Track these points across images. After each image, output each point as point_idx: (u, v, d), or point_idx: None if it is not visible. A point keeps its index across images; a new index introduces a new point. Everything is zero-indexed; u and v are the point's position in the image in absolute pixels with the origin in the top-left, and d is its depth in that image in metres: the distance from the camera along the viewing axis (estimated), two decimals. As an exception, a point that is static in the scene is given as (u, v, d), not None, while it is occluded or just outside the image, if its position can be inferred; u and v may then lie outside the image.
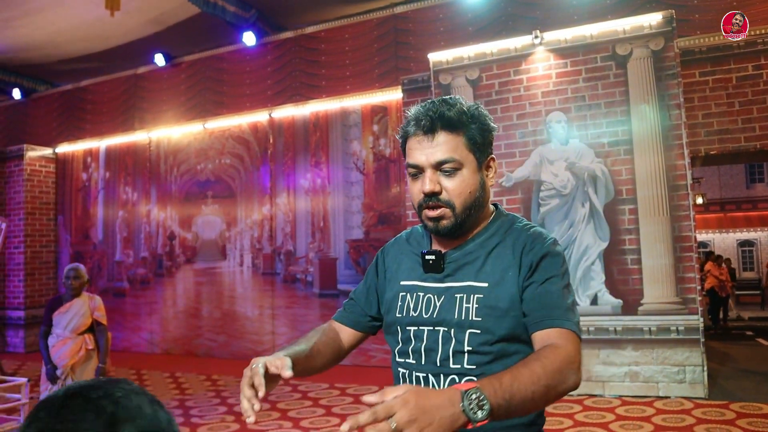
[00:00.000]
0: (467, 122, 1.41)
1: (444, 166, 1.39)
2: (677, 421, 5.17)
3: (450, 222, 1.41)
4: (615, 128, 6.34)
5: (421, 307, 1.46)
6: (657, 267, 6.09)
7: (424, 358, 1.43)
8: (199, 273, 10.00)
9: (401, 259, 1.58)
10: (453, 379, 1.39)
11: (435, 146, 1.39)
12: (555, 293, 1.36)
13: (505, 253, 1.43)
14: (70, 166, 11.45)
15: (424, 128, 1.39)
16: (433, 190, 1.39)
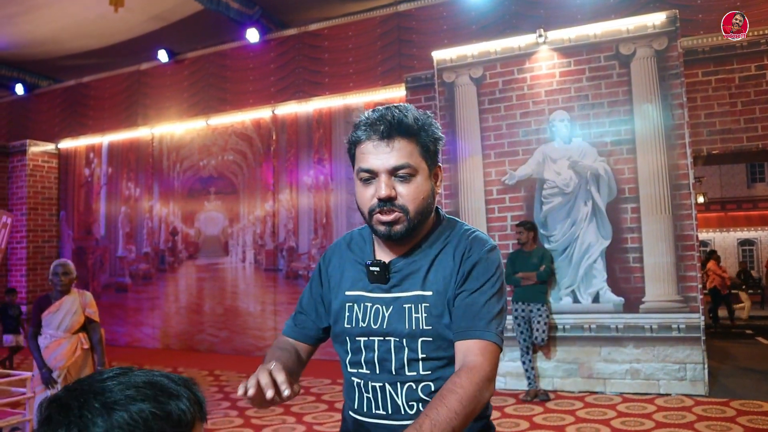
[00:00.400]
0: (420, 130, 1.42)
1: (399, 172, 1.40)
2: (678, 418, 5.21)
3: (403, 227, 1.42)
4: (618, 127, 6.37)
5: (369, 318, 1.46)
6: (659, 265, 6.12)
7: (378, 368, 1.45)
8: (201, 269, 10.03)
9: (344, 267, 1.57)
10: (410, 386, 1.42)
11: (391, 152, 1.39)
12: (481, 304, 1.39)
13: (447, 261, 1.45)
14: (72, 161, 11.48)
15: (381, 133, 1.40)
16: (389, 195, 1.39)
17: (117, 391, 0.82)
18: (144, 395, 0.82)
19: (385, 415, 1.44)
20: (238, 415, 5.80)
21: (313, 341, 1.64)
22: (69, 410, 0.80)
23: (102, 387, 0.83)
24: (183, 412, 0.84)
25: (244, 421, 5.56)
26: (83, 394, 0.82)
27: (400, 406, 1.43)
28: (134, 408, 0.81)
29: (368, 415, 1.47)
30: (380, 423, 1.44)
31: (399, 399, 1.43)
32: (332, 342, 1.58)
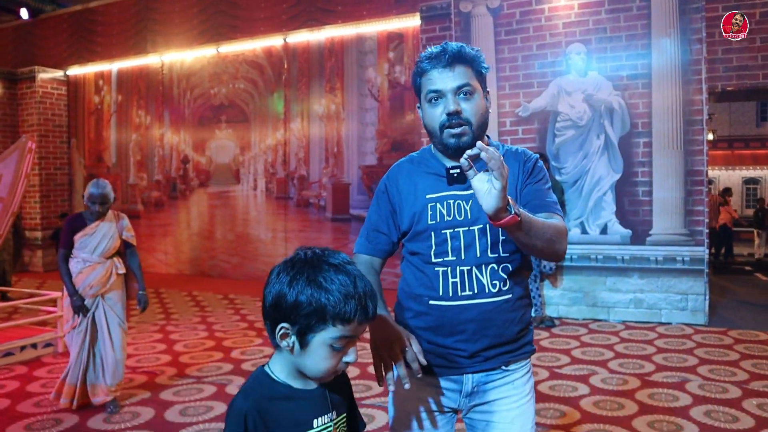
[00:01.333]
0: (474, 59, 1.69)
1: (462, 90, 1.66)
2: (678, 344, 5.45)
3: (469, 137, 1.66)
4: (635, 61, 6.36)
5: (453, 212, 1.70)
6: (667, 199, 6.25)
7: (464, 254, 1.68)
8: (212, 196, 10.18)
9: (416, 180, 1.79)
10: (493, 267, 1.68)
11: (455, 75, 1.66)
12: (545, 190, 1.75)
13: (510, 163, 1.71)
14: (81, 89, 11.44)
15: (444, 61, 1.66)
16: (456, 110, 1.64)
17: (324, 274, 1.20)
18: (331, 288, 1.19)
19: (472, 294, 1.68)
20: (256, 335, 6.06)
21: (385, 254, 1.86)
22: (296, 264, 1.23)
23: (320, 265, 1.22)
24: (351, 311, 1.20)
25: (263, 341, 5.81)
26: (306, 262, 1.23)
27: (485, 285, 1.68)
28: (321, 291, 1.19)
29: (454, 298, 1.69)
30: (466, 303, 1.68)
31: (484, 279, 1.68)
32: (410, 243, 1.78)
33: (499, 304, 1.68)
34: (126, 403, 4.16)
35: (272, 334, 1.26)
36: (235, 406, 1.24)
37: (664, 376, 4.54)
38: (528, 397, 1.75)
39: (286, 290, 1.20)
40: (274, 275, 1.25)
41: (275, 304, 1.22)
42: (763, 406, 3.91)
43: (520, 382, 1.74)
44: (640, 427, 3.60)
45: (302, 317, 1.20)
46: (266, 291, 1.25)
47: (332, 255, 1.26)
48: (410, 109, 8.40)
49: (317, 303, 1.19)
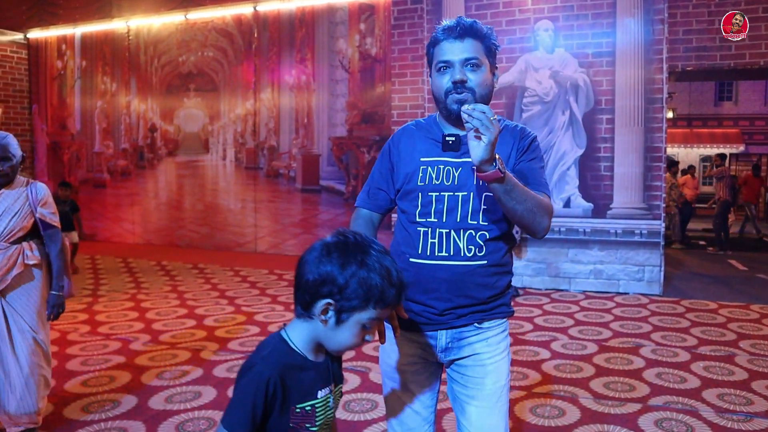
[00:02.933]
0: (485, 35, 1.81)
1: (469, 62, 1.77)
2: (634, 313, 5.74)
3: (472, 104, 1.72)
4: (600, 39, 6.55)
5: (442, 177, 1.81)
6: (628, 175, 6.50)
7: (445, 217, 1.80)
8: (181, 166, 10.13)
9: (415, 143, 1.91)
10: (470, 233, 1.79)
11: (464, 47, 1.77)
12: (538, 170, 1.85)
13: (506, 140, 1.84)
14: (43, 53, 11.17)
15: (456, 33, 1.77)
16: (462, 79, 1.77)
17: (374, 260, 1.31)
18: (381, 274, 1.31)
19: (447, 256, 1.79)
20: (228, 303, 6.16)
21: (384, 210, 2.00)
22: (346, 247, 1.32)
23: (369, 250, 1.32)
24: (391, 297, 1.33)
25: (235, 309, 5.91)
26: (357, 246, 1.32)
27: (461, 248, 1.79)
28: (373, 275, 1.30)
29: (431, 257, 1.81)
30: (442, 263, 1.79)
31: (461, 243, 1.79)
32: (400, 202, 1.92)
33: (473, 268, 1.78)
34: (101, 367, 4.25)
35: (305, 307, 1.33)
36: (256, 371, 1.29)
37: (620, 342, 4.81)
38: (502, 355, 1.86)
39: (338, 271, 1.28)
40: (321, 254, 1.31)
41: (322, 281, 1.29)
42: (709, 368, 4.20)
43: (494, 339, 1.85)
44: (596, 388, 3.84)
45: (349, 298, 1.29)
46: (307, 267, 1.31)
47: (375, 241, 1.37)
48: (381, 81, 8.47)
49: (367, 287, 1.29)
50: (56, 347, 4.65)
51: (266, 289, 6.80)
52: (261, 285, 6.98)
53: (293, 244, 9.12)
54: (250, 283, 7.09)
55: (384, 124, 8.37)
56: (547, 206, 1.74)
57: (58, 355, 4.46)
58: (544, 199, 1.74)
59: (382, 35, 8.45)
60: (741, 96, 20.53)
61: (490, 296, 1.82)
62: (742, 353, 4.53)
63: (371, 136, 8.56)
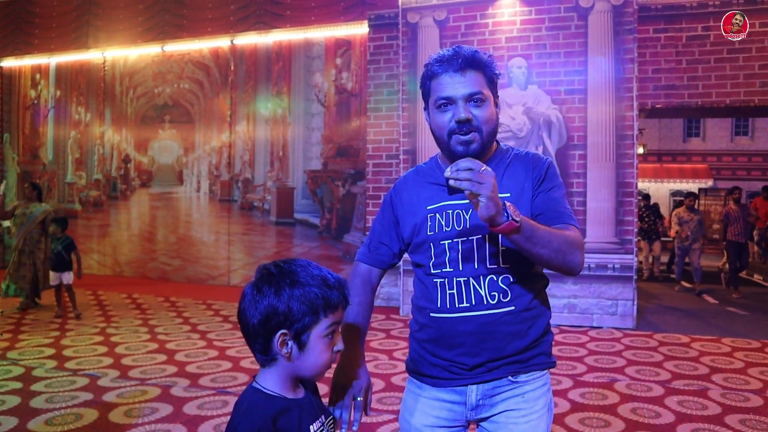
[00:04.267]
0: (486, 65, 1.64)
1: (474, 98, 1.61)
2: (608, 347, 5.77)
3: (478, 144, 1.62)
4: (572, 77, 6.69)
5: (452, 222, 1.65)
6: (600, 210, 6.59)
7: (461, 265, 1.64)
8: (154, 197, 10.03)
9: (419, 191, 1.76)
10: (492, 278, 1.62)
11: (466, 81, 1.60)
12: (560, 200, 1.66)
13: (518, 171, 1.68)
14: (16, 81, 11.08)
15: (456, 66, 1.60)
16: (467, 118, 1.59)
17: (302, 275, 1.31)
18: (315, 283, 1.31)
19: (469, 307, 1.63)
20: (200, 337, 6.05)
21: (385, 266, 1.86)
22: (272, 277, 1.31)
23: (294, 269, 1.32)
24: (336, 298, 1.34)
25: (207, 343, 5.81)
26: (281, 271, 1.32)
27: (483, 296, 1.62)
28: (308, 288, 1.30)
29: (452, 310, 1.64)
30: (464, 315, 1.63)
31: (482, 290, 1.63)
32: (412, 255, 1.78)
33: (499, 316, 1.61)
34: (68, 405, 4.12)
35: (264, 351, 1.32)
36: (242, 430, 1.27)
37: (595, 377, 4.82)
38: (540, 413, 1.66)
39: (275, 301, 1.28)
40: (253, 295, 1.31)
41: (266, 319, 1.28)
42: (683, 402, 4.21)
43: (532, 395, 1.66)
44: (572, 424, 3.82)
45: (297, 320, 1.29)
46: (248, 313, 1.31)
47: (296, 260, 1.36)
48: (356, 115, 8.53)
49: (308, 301, 1.29)
50: (20, 383, 4.51)
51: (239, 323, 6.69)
52: (233, 319, 6.87)
53: (267, 276, 9.00)
54: (222, 317, 6.99)
55: (359, 157, 8.41)
56: (575, 240, 1.55)
57: (21, 392, 4.32)
58: (570, 233, 1.56)
59: (358, 70, 8.54)
60: (708, 132, 21.09)
61: (525, 346, 1.64)
62: (714, 387, 4.56)
63: (346, 169, 8.59)
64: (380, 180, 7.75)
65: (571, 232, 1.57)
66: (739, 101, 6.75)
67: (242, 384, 4.55)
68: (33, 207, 7.39)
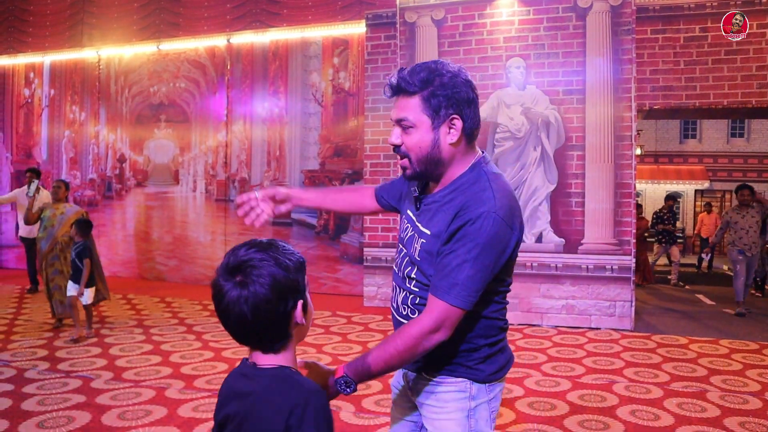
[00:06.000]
0: (423, 87, 1.57)
1: (401, 123, 1.62)
2: (606, 348, 5.74)
3: (411, 171, 1.66)
4: (570, 77, 6.67)
5: (404, 232, 1.79)
6: (598, 210, 6.56)
7: (397, 271, 1.81)
8: (150, 197, 9.97)
9: (410, 190, 1.86)
10: (405, 294, 1.74)
11: (396, 107, 1.63)
12: (452, 267, 1.55)
13: (450, 210, 1.61)
14: (10, 80, 11.00)
15: (388, 92, 1.65)
16: (394, 143, 1.64)
17: (277, 243, 1.30)
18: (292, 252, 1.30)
19: (394, 308, 1.81)
20: (195, 338, 5.99)
21: (377, 202, 2.06)
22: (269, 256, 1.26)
23: (263, 243, 1.30)
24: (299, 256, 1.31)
25: (203, 344, 5.76)
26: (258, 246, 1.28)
27: (399, 305, 1.78)
28: (296, 253, 1.30)
29: (390, 304, 1.86)
30: (393, 313, 1.83)
31: (399, 300, 1.78)
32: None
33: None
34: (60, 407, 4.06)
35: (283, 334, 1.28)
36: (320, 402, 1.25)
37: (594, 378, 4.79)
38: (451, 414, 1.70)
39: (279, 271, 1.23)
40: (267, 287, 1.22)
41: (281, 293, 1.23)
42: (682, 405, 4.18)
43: (445, 397, 1.71)
44: (571, 426, 3.79)
45: (299, 280, 1.28)
46: (265, 307, 1.22)
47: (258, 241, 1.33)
48: (354, 115, 8.49)
49: (295, 256, 1.29)
50: (11, 386, 4.45)
51: (235, 323, 6.63)
52: (230, 319, 6.81)
53: (263, 277, 8.96)
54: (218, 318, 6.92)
55: (356, 157, 8.37)
56: (419, 334, 1.54)
57: (12, 394, 4.26)
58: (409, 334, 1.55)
59: (355, 69, 8.49)
60: (705, 134, 21.11)
61: (435, 357, 1.67)
62: (713, 389, 4.53)
63: (343, 169, 8.54)
64: (378, 180, 7.71)
65: (412, 329, 1.56)
66: (736, 102, 6.74)
67: (238, 386, 4.50)
68: (63, 208, 6.54)
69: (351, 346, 5.72)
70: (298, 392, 1.24)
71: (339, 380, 1.53)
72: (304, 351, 5.50)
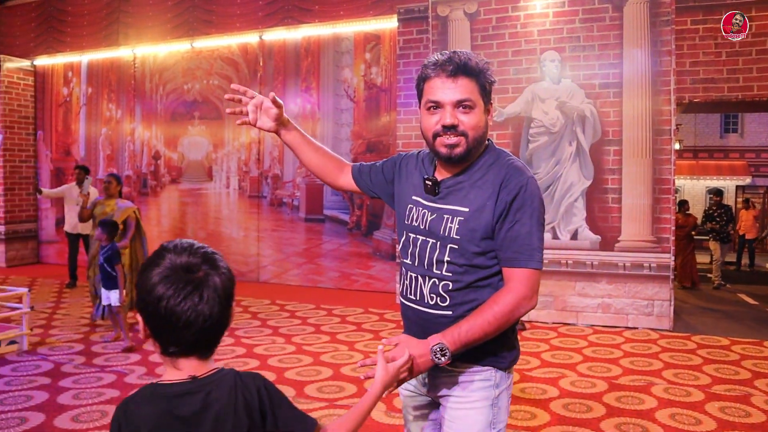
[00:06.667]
0: (480, 72, 1.69)
1: (463, 104, 1.67)
2: (644, 349, 5.58)
3: (462, 149, 1.69)
4: (607, 70, 6.50)
5: (419, 220, 1.78)
6: (636, 207, 6.39)
7: (417, 261, 1.78)
8: (184, 193, 10.07)
9: (414, 174, 1.87)
10: (434, 282, 1.73)
11: (457, 88, 1.66)
12: (524, 235, 1.65)
13: (486, 185, 1.70)
14: (49, 80, 11.22)
15: (448, 72, 1.66)
16: (453, 123, 1.67)
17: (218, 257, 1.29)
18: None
19: (415, 300, 1.79)
20: (228, 335, 5.98)
21: (353, 180, 2.04)
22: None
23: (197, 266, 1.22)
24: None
25: (235, 341, 5.78)
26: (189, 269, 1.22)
27: (425, 295, 1.75)
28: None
29: (406, 298, 1.84)
30: (412, 306, 1.80)
31: (425, 289, 1.75)
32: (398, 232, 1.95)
33: (436, 317, 1.72)
34: (95, 401, 4.10)
35: (221, 335, 1.28)
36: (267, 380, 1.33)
37: (631, 380, 4.66)
38: (476, 404, 1.73)
39: (226, 279, 1.26)
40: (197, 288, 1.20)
41: (229, 298, 1.26)
42: (724, 409, 4.03)
43: (471, 386, 1.73)
44: (607, 430, 3.68)
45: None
46: (212, 314, 1.21)
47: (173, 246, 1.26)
48: (386, 111, 8.44)
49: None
50: (48, 379, 4.52)
51: (267, 320, 6.66)
52: (262, 316, 6.84)
53: (296, 273, 9.00)
54: (251, 314, 6.96)
55: (389, 153, 8.31)
56: (514, 302, 1.62)
57: (49, 388, 4.33)
58: (504, 301, 1.62)
59: (387, 65, 8.44)
60: (747, 128, 20.48)
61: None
62: (758, 393, 4.37)
63: (376, 165, 8.48)
64: (409, 176, 7.63)
65: (511, 292, 1.63)
66: (782, 95, 6.49)
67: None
68: (114, 204, 6.25)
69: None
70: (250, 378, 1.29)
71: (435, 348, 1.57)
72: (336, 348, 5.49)
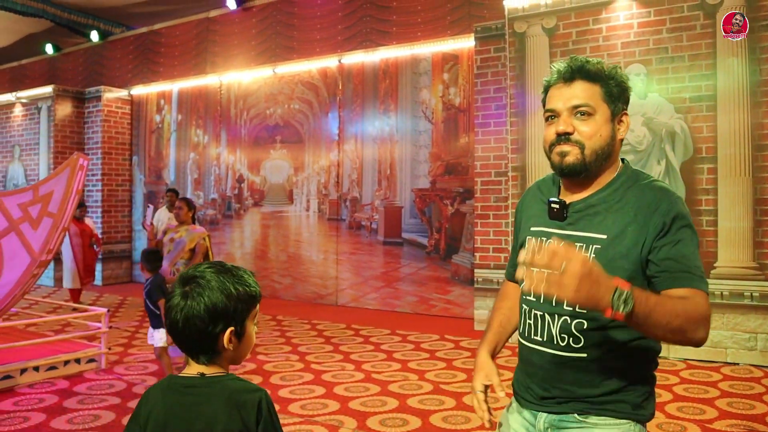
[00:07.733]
0: (605, 77, 1.54)
1: (578, 110, 1.52)
2: (745, 388, 5.05)
3: (575, 159, 1.52)
4: (698, 83, 6.03)
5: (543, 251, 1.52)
6: (734, 230, 5.85)
7: (542, 298, 1.54)
8: (266, 216, 10.26)
9: (532, 206, 1.72)
10: (565, 320, 1.52)
11: (572, 92, 1.53)
12: (689, 256, 1.46)
13: (626, 208, 1.51)
14: (144, 107, 11.81)
15: (563, 77, 1.55)
16: (565, 130, 1.52)
17: (232, 268, 1.40)
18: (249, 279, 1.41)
19: (541, 341, 1.58)
20: (298, 359, 5.97)
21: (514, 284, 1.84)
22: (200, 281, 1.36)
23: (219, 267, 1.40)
24: (256, 287, 1.42)
25: (305, 366, 5.72)
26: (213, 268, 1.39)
27: (554, 336, 1.54)
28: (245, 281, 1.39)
29: (528, 339, 1.62)
30: (536, 348, 1.59)
31: (554, 329, 1.55)
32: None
33: (569, 360, 1.52)
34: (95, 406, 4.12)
35: (203, 347, 1.37)
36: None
37: (729, 425, 4.19)
38: None
39: (219, 296, 1.33)
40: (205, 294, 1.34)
41: (213, 314, 1.33)
42: (839, 464, 3.54)
43: None
44: (696, 483, 3.30)
45: (240, 308, 1.36)
46: (189, 321, 1.33)
47: (213, 263, 1.43)
48: (464, 132, 8.24)
49: (247, 288, 1.38)
50: (118, 399, 4.60)
51: (340, 345, 6.58)
52: (336, 341, 6.77)
53: (374, 297, 8.90)
54: (324, 338, 6.90)
55: (468, 175, 8.10)
56: (701, 315, 1.38)
57: (117, 408, 4.39)
58: (695, 309, 1.37)
59: (465, 85, 8.26)
60: None
61: (598, 394, 1.52)
62: None
63: (454, 187, 8.31)
64: (489, 198, 7.39)
65: (697, 303, 1.39)
66: None
67: (332, 412, 4.38)
68: (183, 231, 5.91)
69: (455, 373, 5.43)
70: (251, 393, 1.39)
71: (620, 290, 1.25)
72: (406, 378, 5.31)
